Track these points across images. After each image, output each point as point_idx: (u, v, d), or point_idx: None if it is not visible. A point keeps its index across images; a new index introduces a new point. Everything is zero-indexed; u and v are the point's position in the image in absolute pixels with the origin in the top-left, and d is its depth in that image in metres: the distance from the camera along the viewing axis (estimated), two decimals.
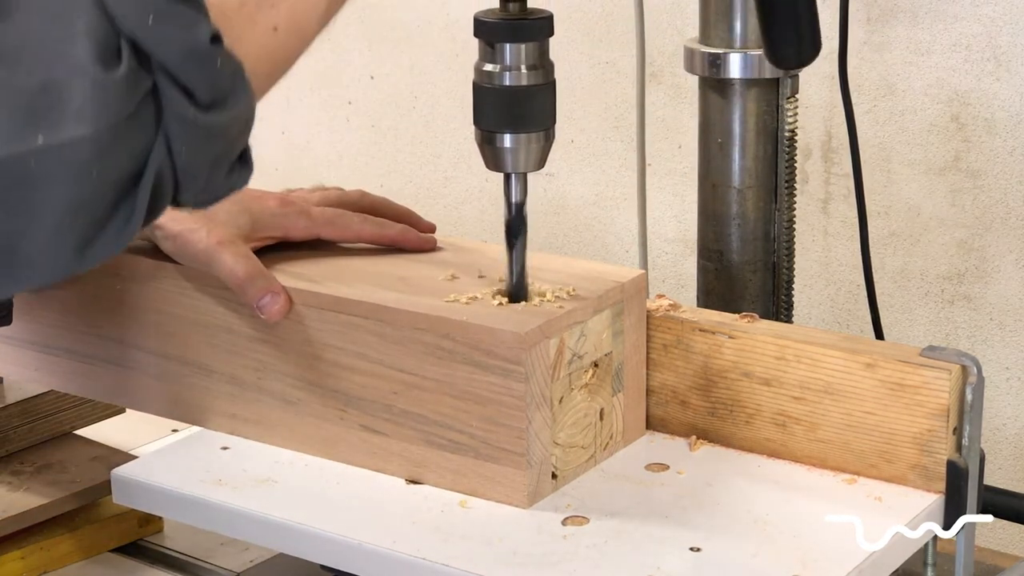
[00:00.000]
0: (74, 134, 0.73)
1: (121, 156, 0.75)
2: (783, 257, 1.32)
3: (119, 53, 0.74)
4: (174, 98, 0.75)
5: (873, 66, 1.85)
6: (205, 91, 0.76)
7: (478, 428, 1.05)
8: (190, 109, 0.76)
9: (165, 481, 1.11)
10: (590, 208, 2.13)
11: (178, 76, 0.75)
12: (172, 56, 0.75)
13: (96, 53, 0.73)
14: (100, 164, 0.74)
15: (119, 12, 0.74)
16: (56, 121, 0.73)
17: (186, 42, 0.75)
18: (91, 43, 0.73)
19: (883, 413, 1.06)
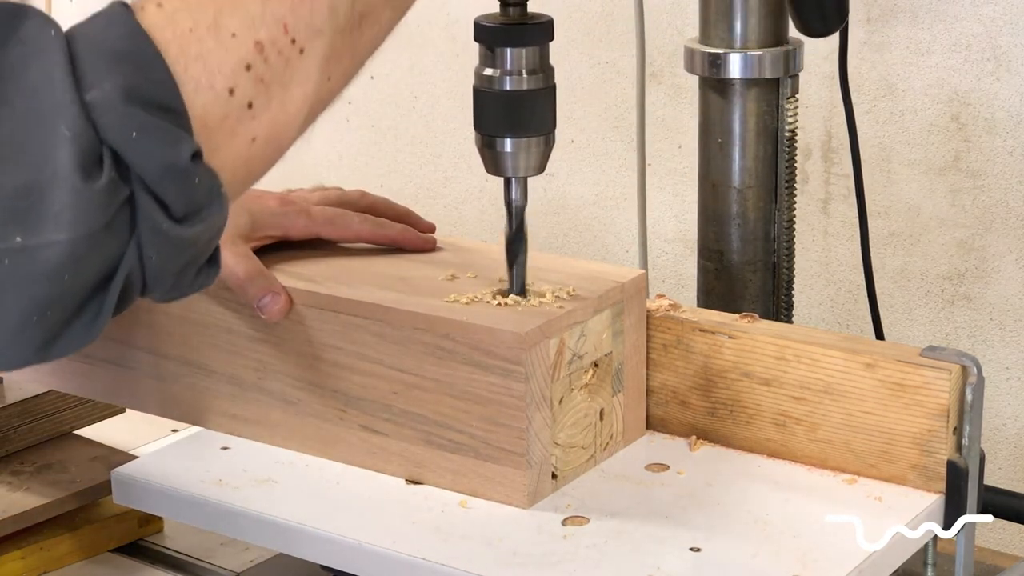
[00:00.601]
0: (50, 239, 0.74)
1: (94, 261, 0.76)
2: (783, 257, 1.32)
3: (100, 161, 0.75)
4: (150, 210, 0.76)
5: (873, 66, 1.85)
6: (181, 206, 0.77)
7: (478, 428, 1.05)
8: (164, 221, 0.77)
9: (165, 481, 1.11)
10: (590, 208, 2.13)
11: (156, 190, 0.76)
12: (152, 171, 0.76)
13: (78, 161, 0.74)
14: (73, 269, 0.75)
15: (104, 122, 0.75)
16: (34, 223, 0.73)
17: (167, 159, 0.76)
18: (74, 150, 0.74)
19: (883, 413, 1.06)
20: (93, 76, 0.75)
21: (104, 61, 0.76)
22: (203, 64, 0.78)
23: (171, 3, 0.79)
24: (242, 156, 0.81)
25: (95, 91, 0.75)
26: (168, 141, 0.76)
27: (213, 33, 0.78)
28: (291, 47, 0.81)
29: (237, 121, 0.80)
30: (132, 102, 0.75)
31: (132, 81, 0.76)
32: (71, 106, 0.74)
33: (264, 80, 0.80)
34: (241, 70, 0.79)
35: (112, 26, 0.77)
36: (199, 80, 0.78)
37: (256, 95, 0.80)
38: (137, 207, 0.76)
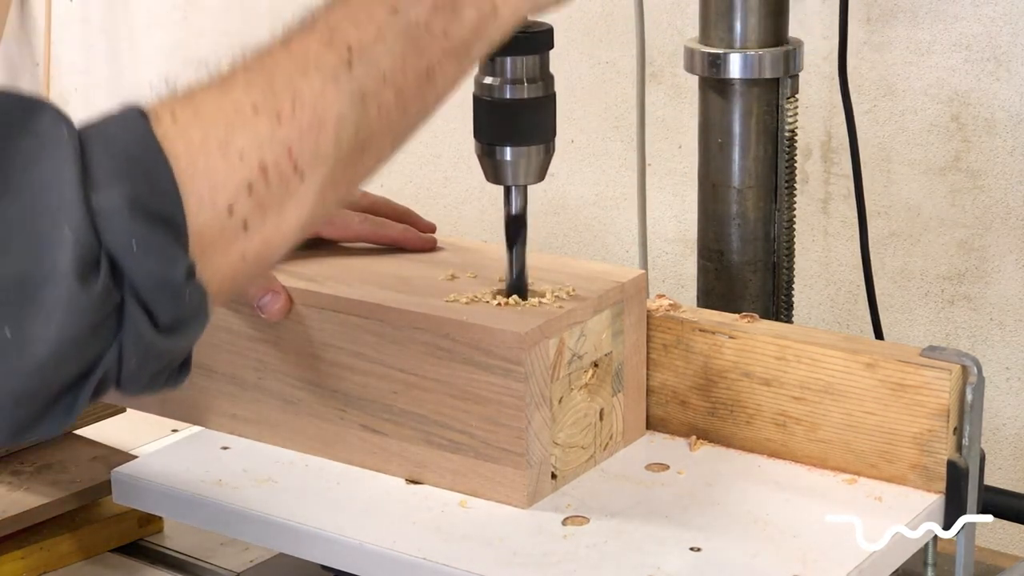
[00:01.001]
0: (39, 334, 0.74)
1: (75, 361, 0.76)
2: (783, 257, 1.32)
3: (97, 265, 0.75)
4: (137, 318, 0.77)
5: (873, 66, 1.85)
6: (168, 319, 0.78)
7: (478, 428, 1.05)
8: (149, 331, 0.77)
9: (165, 481, 1.11)
10: (590, 208, 2.13)
11: (147, 302, 0.77)
12: (146, 284, 0.76)
13: (76, 264, 0.74)
14: (55, 366, 0.75)
15: (107, 229, 0.75)
16: (24, 318, 0.74)
17: (163, 275, 0.77)
18: (74, 252, 0.74)
19: (883, 413, 1.06)
20: (102, 179, 0.76)
21: (115, 166, 0.76)
22: (208, 180, 0.79)
23: (185, 116, 0.79)
24: (230, 271, 0.82)
25: (102, 195, 0.75)
26: (166, 257, 0.77)
27: (222, 151, 0.79)
28: (293, 172, 0.82)
29: (232, 238, 0.80)
30: (137, 213, 0.76)
31: (139, 191, 0.76)
32: (77, 207, 0.75)
33: (263, 202, 0.81)
34: (243, 190, 0.80)
35: (127, 131, 0.78)
36: (202, 196, 0.78)
37: (253, 215, 0.81)
38: (125, 314, 0.77)
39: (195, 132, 0.79)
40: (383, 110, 0.85)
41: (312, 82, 0.82)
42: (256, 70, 0.83)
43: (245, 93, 0.81)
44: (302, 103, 0.82)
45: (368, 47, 0.84)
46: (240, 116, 0.80)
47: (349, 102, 0.83)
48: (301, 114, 0.82)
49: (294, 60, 0.83)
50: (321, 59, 0.83)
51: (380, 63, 0.84)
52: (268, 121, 0.81)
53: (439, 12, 0.86)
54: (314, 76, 0.82)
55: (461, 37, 0.87)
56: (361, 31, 0.84)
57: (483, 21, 0.88)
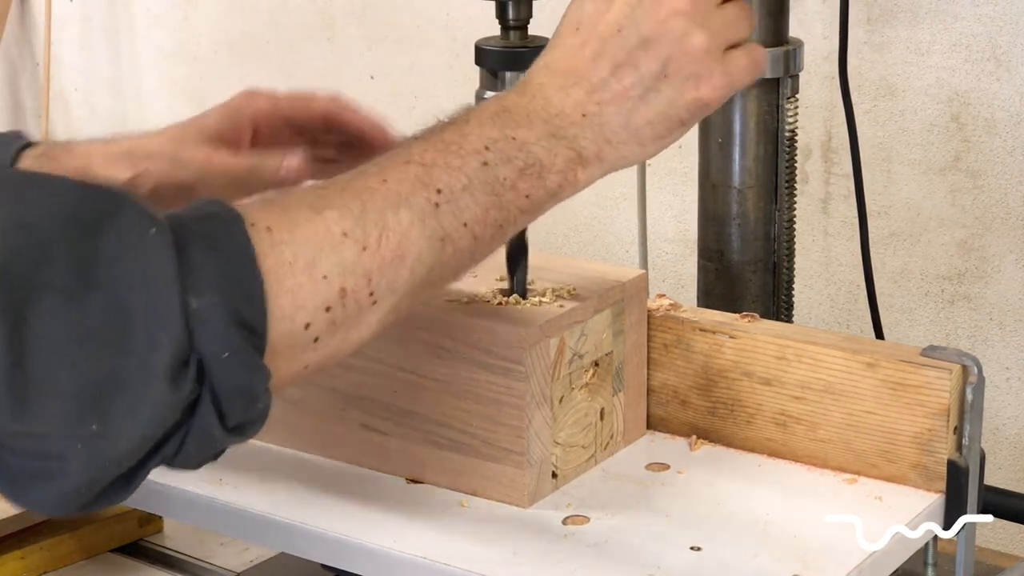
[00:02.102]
0: (124, 432, 0.76)
1: (147, 449, 0.79)
2: (783, 257, 1.32)
3: (186, 365, 0.77)
4: (209, 417, 0.79)
5: (873, 66, 1.85)
6: (237, 421, 0.80)
7: (478, 427, 1.05)
8: (217, 430, 0.80)
9: (165, 481, 1.11)
10: (590, 208, 2.13)
11: (223, 404, 0.79)
12: (228, 390, 0.79)
13: (169, 369, 0.76)
14: (129, 457, 0.78)
15: (202, 335, 0.77)
16: (113, 415, 0.76)
17: (245, 385, 0.79)
18: (168, 357, 0.76)
19: (884, 413, 1.06)
20: (201, 284, 0.77)
21: (215, 274, 0.78)
22: (292, 298, 0.81)
23: (280, 232, 0.81)
24: (291, 380, 0.85)
25: (203, 301, 0.77)
26: (251, 367, 0.79)
27: (308, 271, 0.82)
28: (368, 299, 0.84)
29: (300, 352, 0.83)
30: (233, 322, 0.78)
31: (236, 301, 0.78)
32: (175, 309, 0.76)
33: (336, 322, 0.83)
34: (321, 310, 0.82)
35: (228, 239, 0.80)
36: (284, 311, 0.81)
37: (325, 333, 0.83)
38: (198, 410, 0.79)
39: (287, 250, 0.81)
40: (458, 253, 0.88)
41: (401, 217, 0.85)
42: (351, 195, 0.85)
43: (338, 218, 0.84)
44: (388, 236, 0.85)
45: (457, 193, 0.87)
46: (330, 240, 0.83)
47: (429, 242, 0.86)
48: (386, 246, 0.85)
49: (388, 192, 0.86)
50: (412, 197, 0.86)
51: (464, 211, 0.87)
52: (355, 249, 0.84)
53: (526, 176, 0.89)
54: (404, 212, 0.85)
55: (540, 200, 0.90)
56: (452, 177, 0.87)
57: (563, 187, 0.91)
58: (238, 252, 0.79)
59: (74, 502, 0.79)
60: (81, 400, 0.75)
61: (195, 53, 2.70)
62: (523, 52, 1.06)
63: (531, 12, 1.07)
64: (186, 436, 0.79)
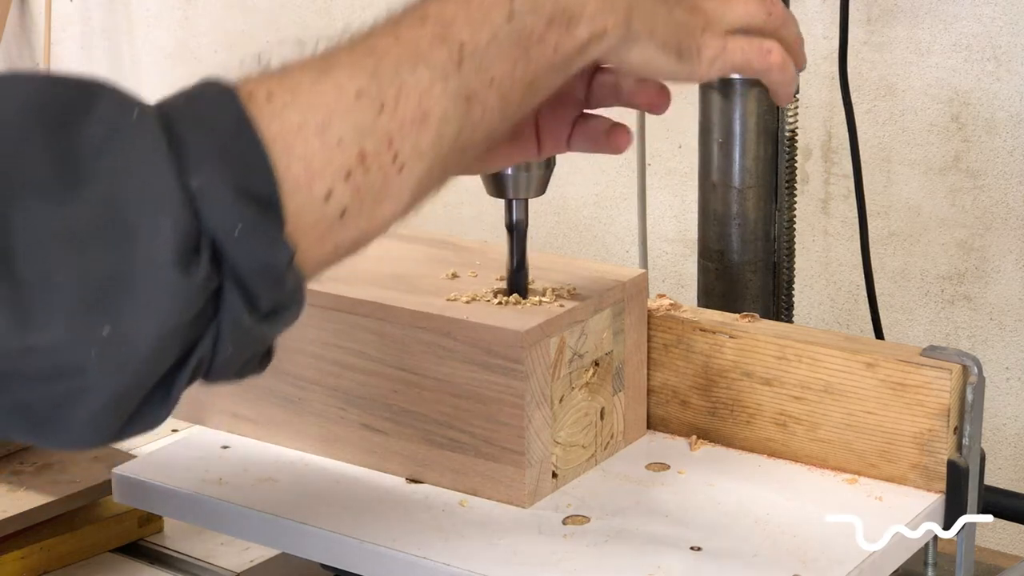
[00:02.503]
0: (140, 330, 0.71)
1: (174, 351, 0.74)
2: (783, 257, 1.32)
3: (198, 251, 0.72)
4: (236, 305, 0.74)
5: (873, 66, 1.85)
6: (268, 304, 0.76)
7: (478, 427, 1.05)
8: (248, 318, 0.75)
9: (165, 481, 1.11)
10: (590, 208, 2.13)
11: (248, 287, 0.74)
12: (249, 269, 0.74)
13: (176, 254, 0.71)
14: (155, 359, 0.73)
15: (209, 213, 0.72)
16: (122, 314, 0.71)
17: (266, 260, 0.74)
18: (174, 242, 0.71)
19: (884, 413, 1.06)
20: (198, 163, 0.73)
21: (211, 148, 0.73)
22: (305, 165, 0.76)
23: (281, 96, 0.77)
24: (323, 262, 0.80)
25: (201, 178, 0.72)
26: (269, 241, 0.74)
27: (320, 135, 0.77)
28: (392, 164, 0.79)
29: (328, 227, 0.78)
30: (239, 195, 0.73)
31: (239, 173, 0.73)
32: (175, 192, 0.72)
33: (360, 191, 0.78)
34: (340, 177, 0.77)
35: (219, 111, 0.75)
36: (299, 180, 0.76)
37: (350, 204, 0.78)
38: (223, 299, 0.74)
39: (292, 114, 0.76)
40: (487, 113, 0.83)
41: (420, 76, 0.80)
42: (362, 52, 0.80)
43: (349, 77, 0.78)
44: (407, 96, 0.79)
45: (481, 49, 0.82)
46: (342, 101, 0.78)
47: (454, 101, 0.81)
48: (405, 106, 0.79)
49: (403, 50, 0.80)
50: (432, 54, 0.81)
51: (490, 67, 0.82)
52: (371, 109, 0.78)
53: (554, 26, 0.84)
54: (423, 70, 0.80)
55: (568, 53, 0.85)
56: (475, 32, 0.82)
57: (592, 40, 0.86)
58: (234, 122, 0.75)
59: (108, 425, 0.74)
60: (86, 302, 0.70)
61: (195, 53, 2.70)
62: None
63: None
64: (218, 333, 0.74)
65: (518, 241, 1.09)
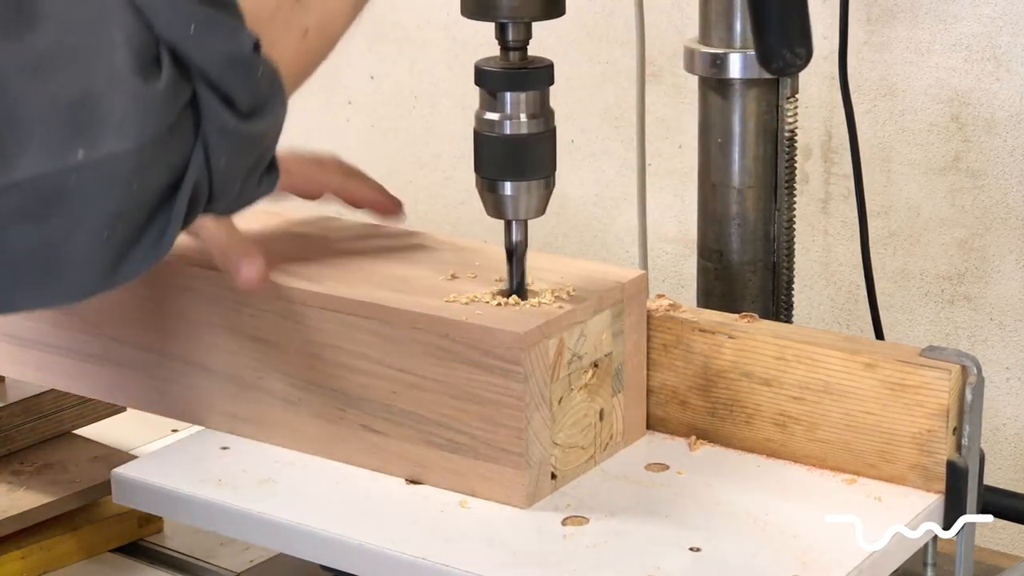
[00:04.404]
0: (115, 148, 0.71)
1: (160, 168, 0.73)
2: (783, 257, 1.32)
3: (158, 62, 0.72)
4: (214, 107, 0.74)
5: (873, 66, 1.85)
6: (246, 100, 0.75)
7: (477, 428, 1.05)
8: (231, 118, 0.74)
9: (165, 481, 1.11)
10: (590, 208, 2.13)
11: (220, 85, 0.74)
12: (214, 66, 0.74)
13: (136, 64, 0.71)
14: (139, 178, 0.72)
15: (159, 21, 0.72)
16: (96, 135, 0.71)
17: (228, 51, 0.74)
18: (130, 53, 0.71)
19: (883, 413, 1.06)
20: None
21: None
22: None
23: None
24: (296, 50, 0.79)
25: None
26: (227, 32, 0.74)
27: None
28: None
29: (288, 13, 0.78)
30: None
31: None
32: (122, 7, 0.71)
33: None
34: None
35: None
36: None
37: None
38: (201, 105, 0.74)
39: None
40: None
41: None
42: None
43: None
44: None
45: None
46: None
47: None
48: None
49: None
50: None
51: None
52: None
53: None
54: None
55: None
56: None
57: None
58: None
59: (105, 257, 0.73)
60: (56, 129, 0.70)
61: None
62: (523, 73, 1.06)
63: (531, 34, 1.07)
64: (206, 143, 0.74)
65: (517, 262, 1.09)
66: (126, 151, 0.71)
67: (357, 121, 2.29)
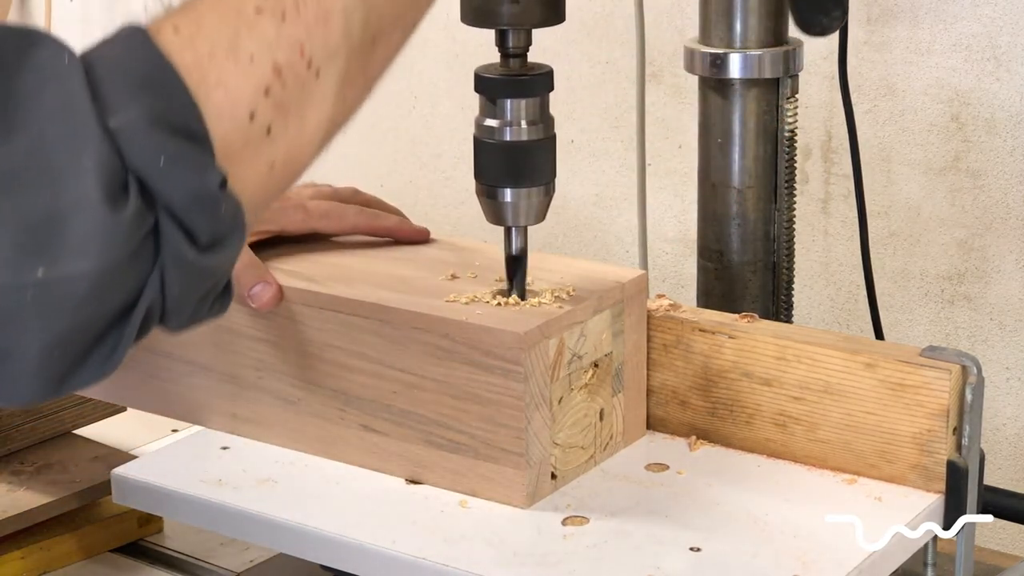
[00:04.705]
0: (74, 270, 0.72)
1: (116, 293, 0.74)
2: (783, 257, 1.32)
3: (126, 189, 0.73)
4: (175, 239, 0.75)
5: (873, 66, 1.85)
6: (206, 235, 0.76)
7: (478, 428, 1.05)
8: (190, 251, 0.75)
9: (165, 481, 1.11)
10: (590, 208, 2.13)
11: (183, 219, 0.75)
12: (180, 200, 0.74)
13: (104, 190, 0.72)
14: (95, 300, 0.73)
15: (130, 149, 0.73)
16: (57, 255, 0.72)
17: (195, 187, 0.75)
18: (99, 178, 0.72)
19: (883, 413, 1.06)
20: (116, 102, 0.74)
21: (127, 87, 0.74)
22: (224, 90, 0.77)
23: (187, 28, 0.78)
24: (261, 182, 0.80)
25: (119, 117, 0.73)
26: (196, 168, 0.75)
27: (232, 57, 0.77)
28: (307, 70, 0.80)
29: (257, 147, 0.79)
30: (159, 128, 0.74)
31: (157, 107, 0.74)
32: (95, 133, 0.73)
33: (282, 104, 0.79)
34: (260, 95, 0.78)
35: (132, 51, 0.76)
36: (220, 105, 0.77)
37: (275, 120, 0.79)
38: (161, 236, 0.75)
39: (201, 44, 0.77)
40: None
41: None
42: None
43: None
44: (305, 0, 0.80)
45: None
46: (244, 19, 0.78)
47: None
48: (306, 10, 0.80)
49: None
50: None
51: None
52: (273, 21, 0.79)
53: None
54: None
55: None
56: None
57: None
58: (146, 58, 0.75)
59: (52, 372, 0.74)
60: (19, 244, 0.71)
61: None
62: (523, 80, 1.06)
63: (531, 40, 1.07)
64: (163, 272, 0.75)
65: (518, 268, 1.09)
66: (84, 274, 0.72)
67: (357, 121, 2.28)
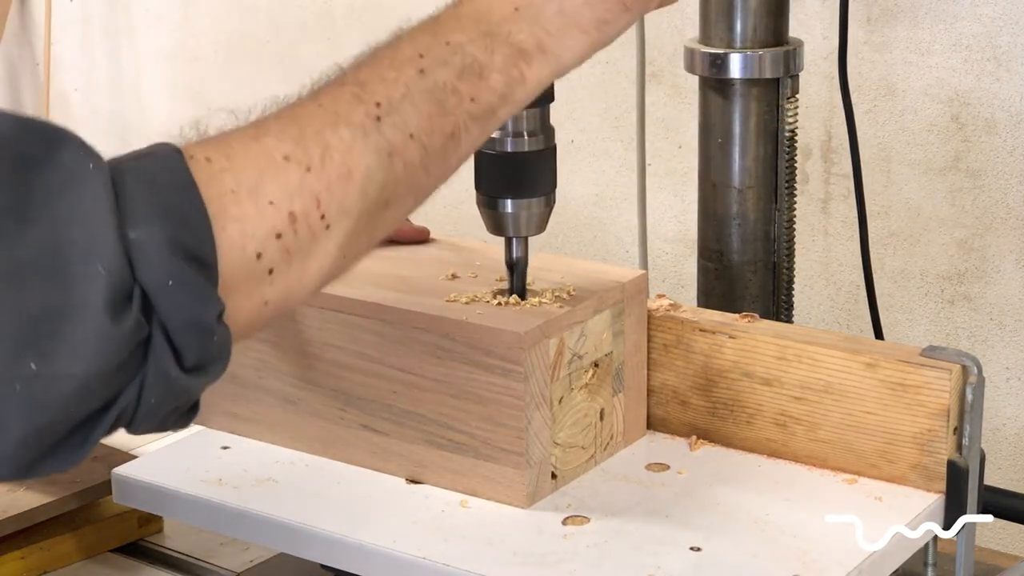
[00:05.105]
0: (66, 370, 0.74)
1: (98, 396, 0.76)
2: (783, 257, 1.32)
3: (129, 299, 0.75)
4: (163, 355, 0.77)
5: (873, 66, 1.85)
6: (194, 359, 0.78)
7: (478, 428, 1.05)
8: (174, 369, 0.77)
9: (165, 481, 1.11)
10: (590, 208, 2.13)
11: (175, 340, 0.77)
12: (177, 322, 0.76)
13: (108, 299, 0.74)
14: (78, 401, 0.75)
15: (143, 264, 0.75)
16: (53, 353, 0.73)
17: (195, 314, 0.77)
18: (108, 286, 0.74)
19: (883, 413, 1.06)
20: (139, 215, 0.76)
21: (152, 204, 0.76)
22: (239, 226, 0.79)
23: (219, 161, 0.80)
24: (253, 316, 0.82)
25: (140, 230, 0.75)
26: (200, 296, 0.77)
27: (252, 198, 0.80)
28: (320, 222, 0.82)
29: (256, 284, 0.81)
30: (175, 251, 0.76)
31: (177, 231, 0.76)
32: (111, 241, 0.74)
33: (289, 250, 0.81)
34: (272, 237, 0.81)
35: (166, 170, 0.78)
36: (233, 240, 0.79)
37: (279, 263, 0.81)
38: (151, 349, 0.76)
39: (228, 179, 0.80)
40: (408, 167, 0.86)
41: (341, 135, 0.83)
42: (287, 120, 0.84)
43: (277, 142, 0.82)
44: (331, 155, 0.83)
45: (396, 105, 0.85)
46: (271, 165, 0.81)
47: (376, 157, 0.84)
48: (330, 166, 0.83)
49: (324, 113, 0.84)
50: (351, 113, 0.84)
51: (407, 121, 0.85)
52: (298, 171, 0.82)
53: (465, 77, 0.87)
54: (343, 129, 0.84)
55: (487, 101, 0.88)
56: (389, 89, 0.86)
57: (510, 86, 0.89)
58: (176, 182, 0.78)
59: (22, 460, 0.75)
60: (16, 338, 0.72)
61: (195, 53, 2.70)
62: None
63: None
64: (143, 383, 0.76)
65: (518, 278, 1.09)
66: (74, 375, 0.74)
67: None
